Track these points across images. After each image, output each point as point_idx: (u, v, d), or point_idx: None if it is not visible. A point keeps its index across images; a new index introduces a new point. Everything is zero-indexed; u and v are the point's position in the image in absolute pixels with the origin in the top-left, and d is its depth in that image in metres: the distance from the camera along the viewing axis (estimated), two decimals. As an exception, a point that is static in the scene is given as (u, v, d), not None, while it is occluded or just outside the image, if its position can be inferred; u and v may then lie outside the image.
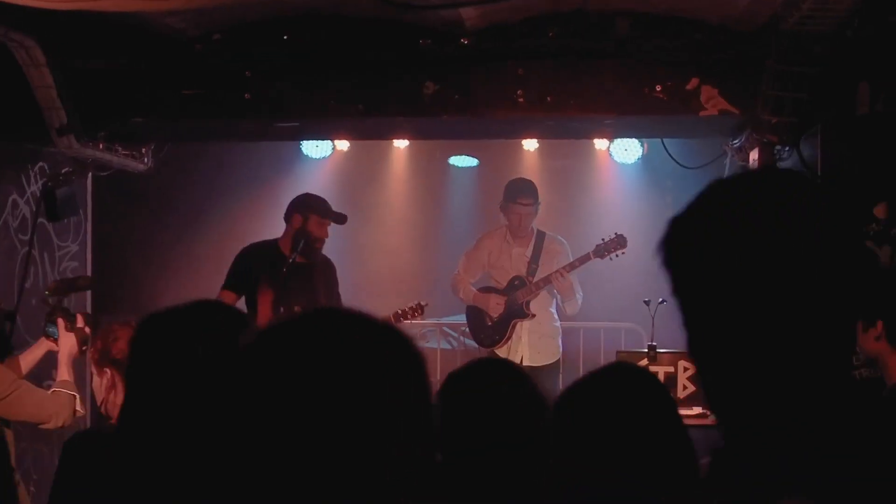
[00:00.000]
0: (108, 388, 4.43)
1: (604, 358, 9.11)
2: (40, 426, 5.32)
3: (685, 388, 6.99)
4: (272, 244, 7.45)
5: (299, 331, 1.55)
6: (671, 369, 7.05)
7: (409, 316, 7.74)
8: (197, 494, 2.01)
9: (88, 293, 7.75)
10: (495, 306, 8.40)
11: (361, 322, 1.56)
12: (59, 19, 5.90)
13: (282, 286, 7.22)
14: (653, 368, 7.08)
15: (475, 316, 8.58)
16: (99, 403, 4.51)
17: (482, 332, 8.51)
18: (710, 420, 5.45)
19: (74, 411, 5.32)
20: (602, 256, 8.37)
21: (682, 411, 6.75)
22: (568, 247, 8.63)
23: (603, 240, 8.37)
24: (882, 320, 4.18)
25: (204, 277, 8.99)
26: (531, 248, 8.59)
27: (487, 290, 8.63)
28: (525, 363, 7.98)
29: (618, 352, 7.50)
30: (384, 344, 1.54)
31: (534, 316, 8.34)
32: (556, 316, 8.58)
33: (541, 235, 8.65)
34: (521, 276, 8.48)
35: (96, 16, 5.97)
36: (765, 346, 1.42)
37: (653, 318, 7.38)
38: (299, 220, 7.33)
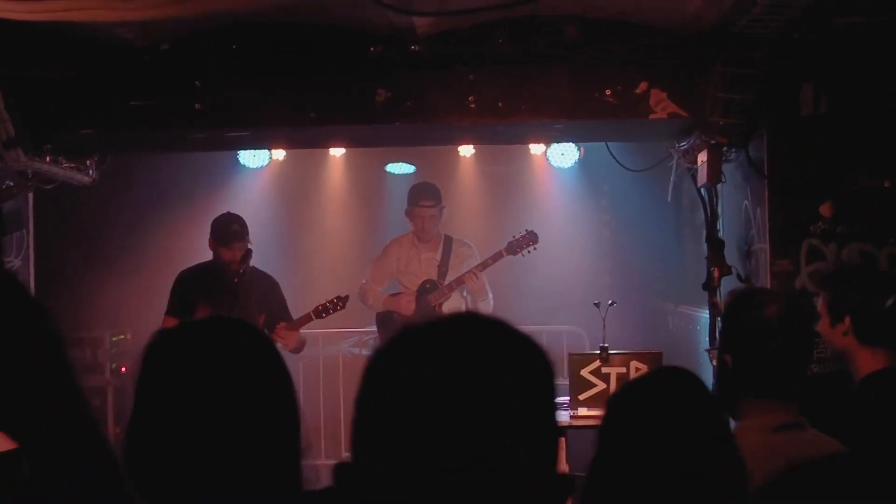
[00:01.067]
0: None
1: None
2: None
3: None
4: (206, 266, 7.48)
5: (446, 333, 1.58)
6: (623, 370, 7.12)
7: (330, 309, 7.74)
8: None
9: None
10: (406, 304, 8.44)
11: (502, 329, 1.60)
12: (5, 29, 5.81)
13: (215, 307, 7.27)
14: (605, 370, 7.15)
15: (386, 323, 8.59)
16: None
17: None
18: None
19: None
20: (514, 253, 8.43)
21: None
22: (476, 250, 8.70)
23: (514, 237, 8.43)
24: (849, 315, 4.25)
25: (146, 289, 8.90)
26: (440, 252, 8.65)
27: (395, 294, 8.68)
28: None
29: (570, 353, 7.54)
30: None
31: None
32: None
33: (448, 240, 8.71)
34: (433, 279, 8.52)
35: (44, 26, 5.89)
36: None
37: (604, 320, 7.45)
38: (212, 245, 7.37)
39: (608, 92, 6.69)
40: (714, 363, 3.63)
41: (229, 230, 7.30)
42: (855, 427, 3.92)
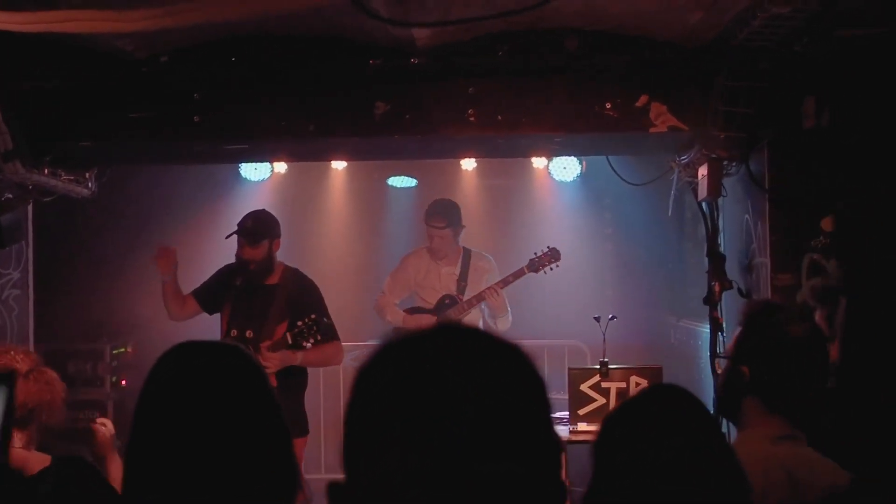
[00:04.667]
0: None
1: (549, 375, 9.09)
2: None
3: (637, 402, 7.01)
4: (239, 264, 7.40)
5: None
6: (623, 385, 7.09)
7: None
8: None
9: (31, 320, 7.61)
10: (428, 324, 8.35)
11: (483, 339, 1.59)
12: (4, 41, 5.80)
13: (235, 307, 7.25)
14: (605, 384, 7.12)
15: None
16: None
17: None
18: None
19: None
20: (536, 270, 8.38)
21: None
22: (495, 263, 8.64)
23: (536, 254, 8.39)
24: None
25: (148, 302, 8.88)
26: (459, 266, 8.59)
27: (416, 310, 8.61)
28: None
29: (570, 368, 7.51)
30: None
31: None
32: (488, 334, 8.51)
33: (467, 253, 8.65)
34: (452, 294, 8.47)
35: (43, 38, 5.88)
36: None
37: (604, 335, 7.42)
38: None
39: (608, 105, 6.66)
40: (719, 371, 3.59)
41: (240, 226, 7.27)
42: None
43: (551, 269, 8.42)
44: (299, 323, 7.12)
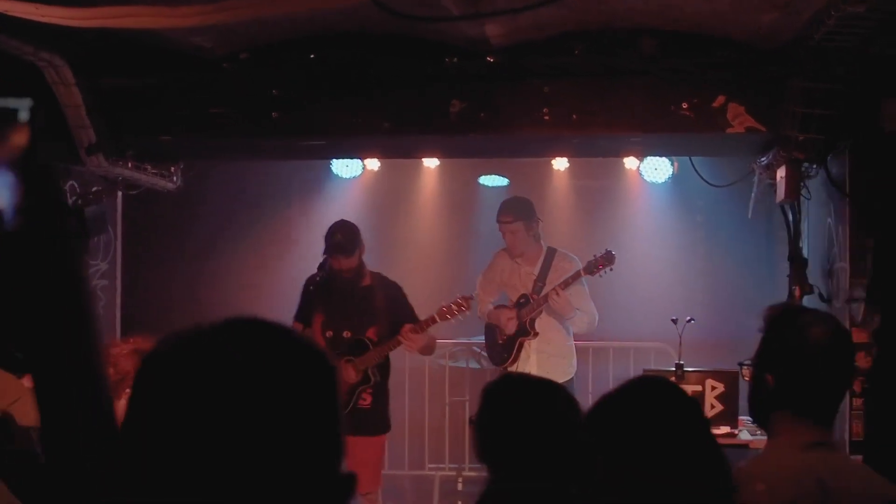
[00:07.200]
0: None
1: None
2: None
3: (713, 406, 6.95)
4: (327, 273, 7.52)
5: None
6: (699, 388, 7.01)
7: (455, 311, 7.71)
8: None
9: (118, 311, 7.80)
10: (507, 321, 8.34)
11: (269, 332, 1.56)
12: (86, 38, 5.96)
13: (329, 315, 7.41)
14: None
15: (489, 334, 8.56)
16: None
17: (493, 350, 8.52)
18: (736, 440, 5.43)
19: None
20: (592, 273, 8.25)
21: (709, 430, 6.69)
22: (580, 263, 8.53)
23: (594, 256, 8.29)
24: None
25: (231, 296, 9.03)
26: (539, 266, 8.54)
27: (501, 306, 8.62)
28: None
29: (644, 370, 7.46)
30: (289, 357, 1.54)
31: (537, 334, 8.27)
32: (568, 335, 8.48)
33: (550, 252, 8.57)
34: (528, 293, 8.45)
35: (123, 35, 6.03)
36: None
37: (680, 337, 7.35)
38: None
39: (685, 105, 6.61)
40: (747, 379, 3.53)
41: (330, 241, 7.36)
42: None
43: (606, 272, 8.29)
44: (450, 303, 7.64)
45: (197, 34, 6.03)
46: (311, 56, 6.70)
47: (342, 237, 7.36)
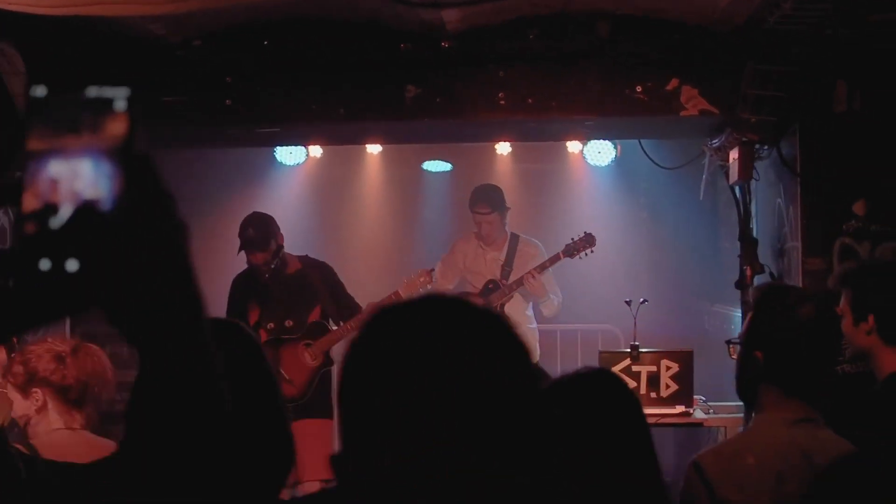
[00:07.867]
0: (38, 409, 4.26)
1: (581, 360, 9.15)
2: None
3: (668, 386, 7.02)
4: (252, 269, 7.54)
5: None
6: (654, 368, 7.07)
7: (417, 285, 7.74)
8: None
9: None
10: None
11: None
12: (38, 26, 5.85)
13: (262, 307, 7.43)
14: (635, 368, 7.11)
15: None
16: (22, 426, 4.34)
17: None
18: (691, 419, 5.51)
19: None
20: (572, 255, 8.35)
21: (665, 410, 6.78)
22: (542, 248, 8.61)
23: (573, 239, 8.36)
24: (873, 314, 4.21)
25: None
26: (505, 251, 8.59)
27: (465, 293, 8.62)
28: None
29: (600, 351, 7.51)
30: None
31: None
32: (532, 319, 8.57)
33: (514, 238, 8.64)
34: (496, 279, 8.48)
35: (76, 22, 5.93)
36: None
37: (635, 318, 7.41)
38: None
39: (639, 89, 6.65)
40: (734, 357, 3.59)
41: (242, 237, 7.36)
42: (877, 427, 3.90)
43: (586, 254, 8.40)
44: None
45: (153, 21, 5.95)
46: (265, 42, 6.64)
47: (254, 232, 7.35)
